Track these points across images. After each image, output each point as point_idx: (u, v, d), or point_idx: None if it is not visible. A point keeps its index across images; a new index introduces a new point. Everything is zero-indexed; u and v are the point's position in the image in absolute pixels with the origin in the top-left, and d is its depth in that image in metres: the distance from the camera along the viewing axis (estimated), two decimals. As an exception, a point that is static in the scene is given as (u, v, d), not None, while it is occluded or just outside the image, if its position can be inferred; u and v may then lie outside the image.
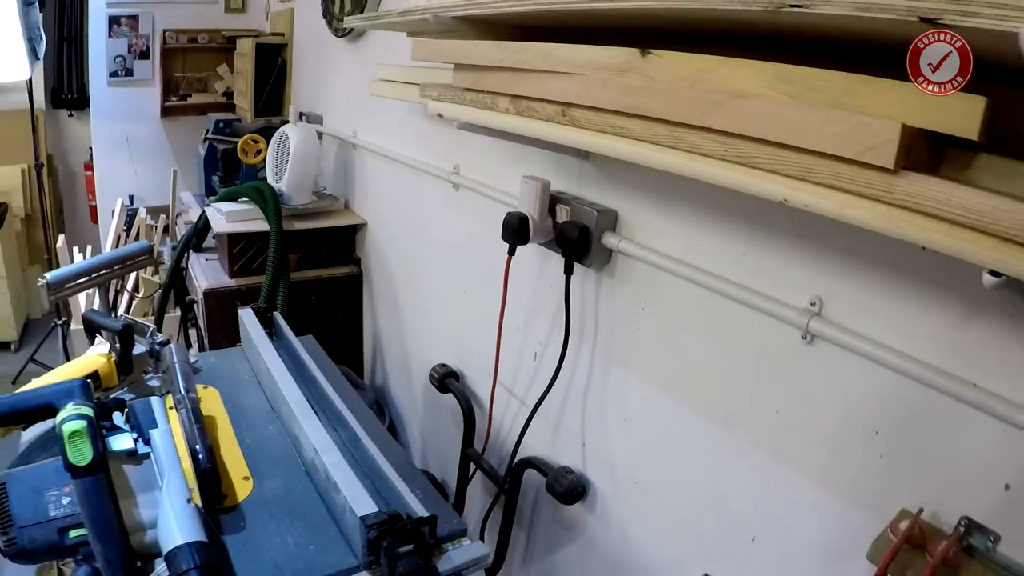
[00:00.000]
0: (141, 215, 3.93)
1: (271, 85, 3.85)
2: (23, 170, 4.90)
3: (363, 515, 1.21)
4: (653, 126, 0.93)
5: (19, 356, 4.62)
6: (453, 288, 2.30)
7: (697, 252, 1.38)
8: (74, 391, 1.26)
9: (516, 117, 1.20)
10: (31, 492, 1.19)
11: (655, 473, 1.58)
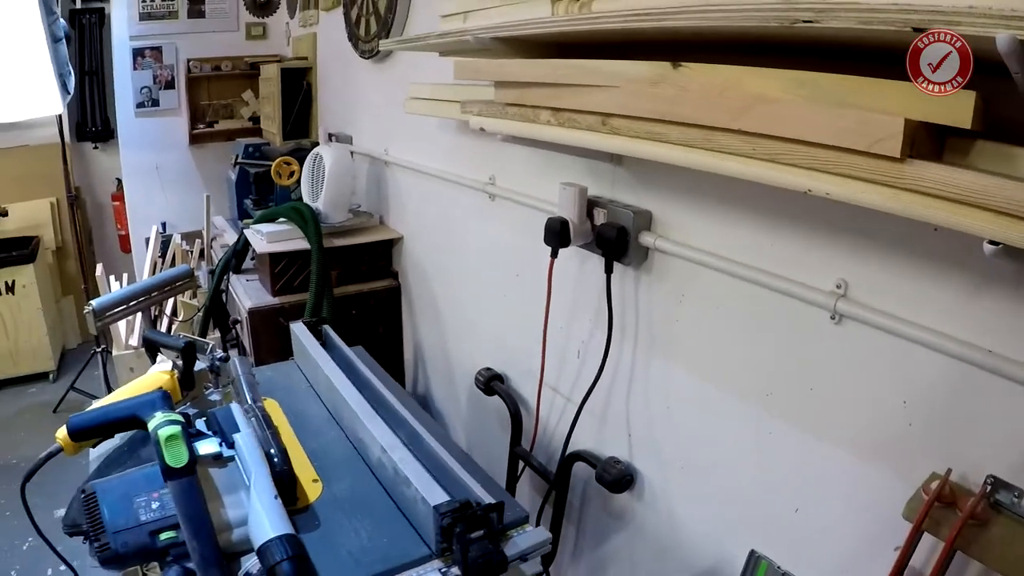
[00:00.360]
0: (176, 241, 4.09)
1: (298, 108, 4.02)
2: (52, 203, 5.12)
3: (436, 504, 1.34)
4: (687, 131, 1.08)
5: (57, 386, 4.79)
6: (494, 294, 2.44)
7: (729, 245, 1.51)
8: (156, 402, 1.40)
9: (558, 128, 1.35)
10: (121, 499, 1.29)
11: (700, 457, 1.71)
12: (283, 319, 2.88)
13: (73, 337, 5.45)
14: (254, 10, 4.77)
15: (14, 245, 4.71)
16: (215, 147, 4.88)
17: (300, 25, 4.25)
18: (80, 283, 5.21)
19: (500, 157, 2.26)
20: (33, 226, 4.99)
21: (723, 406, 1.61)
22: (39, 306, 4.73)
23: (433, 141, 2.66)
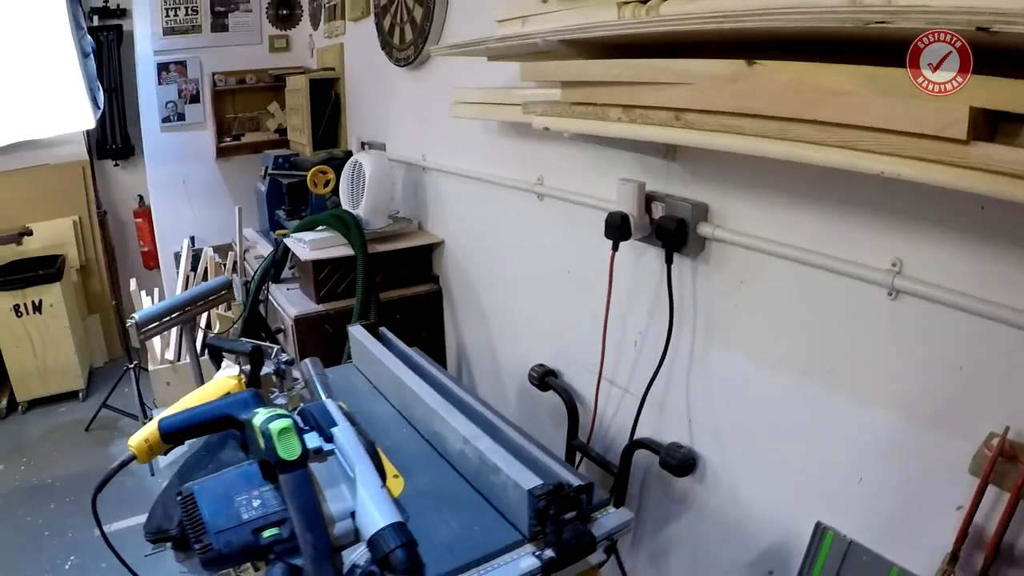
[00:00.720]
0: (209, 254, 4.22)
1: (327, 118, 4.16)
2: (75, 222, 5.24)
3: (530, 487, 1.46)
4: (764, 123, 1.21)
5: (87, 405, 4.89)
6: (543, 292, 2.57)
7: (785, 231, 1.64)
8: (249, 401, 1.47)
9: (628, 124, 1.48)
10: (221, 499, 1.29)
11: (762, 436, 1.83)
12: (328, 326, 3.01)
13: (100, 356, 5.57)
14: (277, 23, 4.93)
15: (40, 264, 4.80)
16: (241, 160, 5.03)
17: (325, 36, 4.39)
18: (104, 301, 5.36)
19: (548, 158, 2.39)
20: (57, 245, 5.10)
21: (784, 385, 1.73)
22: (67, 324, 4.82)
23: (475, 145, 2.79)
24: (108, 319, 5.57)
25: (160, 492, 1.67)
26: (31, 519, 3.71)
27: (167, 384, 3.86)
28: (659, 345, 2.00)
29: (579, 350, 2.39)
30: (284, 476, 1.25)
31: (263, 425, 1.28)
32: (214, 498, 1.29)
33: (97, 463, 4.21)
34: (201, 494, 1.29)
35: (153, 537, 1.58)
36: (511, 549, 1.49)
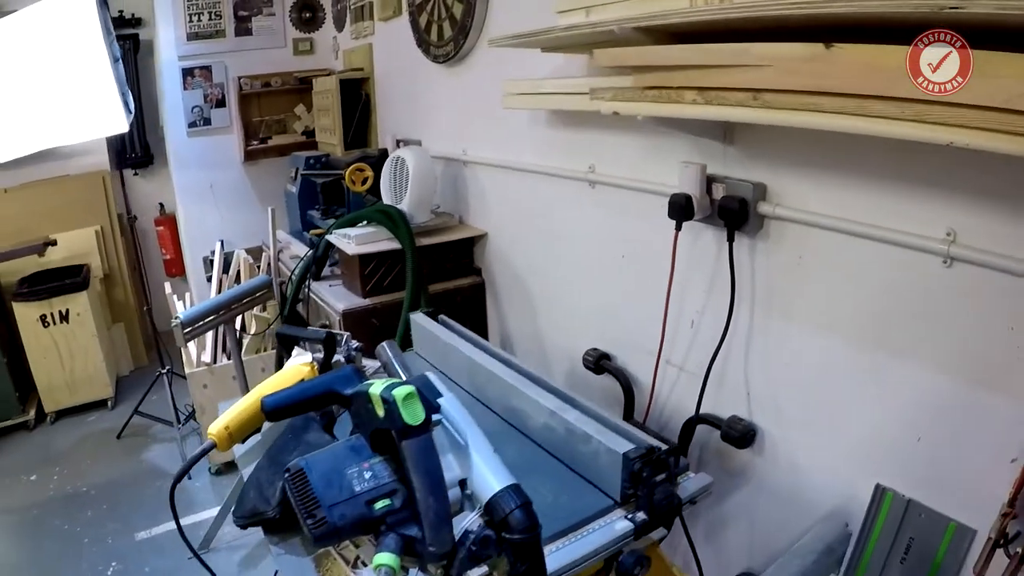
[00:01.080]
0: (242, 255, 4.33)
1: (357, 118, 4.29)
2: (97, 232, 5.36)
3: (625, 451, 1.58)
4: (842, 101, 1.35)
5: (116, 413, 5.00)
6: (595, 277, 2.70)
7: (841, 206, 1.78)
8: (351, 376, 1.55)
9: (704, 106, 1.62)
10: (332, 473, 1.33)
11: (820, 404, 1.96)
12: (375, 319, 3.14)
13: (126, 364, 5.68)
14: (300, 26, 5.07)
15: (66, 274, 4.91)
16: (268, 163, 5.17)
17: (352, 37, 4.54)
18: (128, 310, 5.51)
19: (599, 146, 2.52)
20: (80, 254, 5.22)
21: (842, 354, 1.86)
22: (94, 332, 4.93)
23: (522, 137, 2.92)
24: (133, 328, 5.70)
25: (247, 478, 1.73)
26: (68, 527, 3.78)
27: (204, 387, 3.98)
28: (717, 323, 2.13)
29: (633, 332, 2.53)
30: (407, 442, 1.29)
31: (385, 392, 1.31)
32: (325, 472, 1.33)
33: (131, 470, 4.34)
34: (311, 469, 1.33)
35: (246, 522, 1.61)
36: (603, 514, 1.60)
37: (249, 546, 3.55)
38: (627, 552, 1.56)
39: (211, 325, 3.30)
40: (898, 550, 1.78)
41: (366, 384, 1.38)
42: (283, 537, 1.57)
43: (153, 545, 3.63)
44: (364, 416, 1.40)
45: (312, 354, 2.00)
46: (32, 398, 4.95)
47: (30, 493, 4.14)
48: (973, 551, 1.63)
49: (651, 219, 2.28)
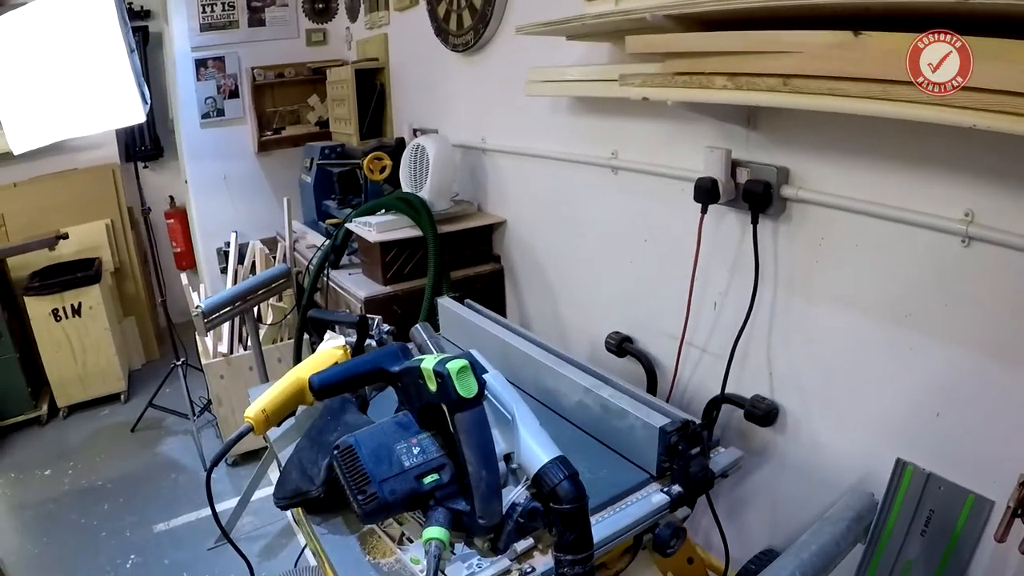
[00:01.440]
0: (258, 246, 4.42)
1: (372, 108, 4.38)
2: (107, 225, 5.43)
3: (662, 425, 1.67)
4: (868, 86, 1.45)
5: (129, 407, 5.08)
6: (617, 262, 2.78)
7: (862, 189, 1.86)
8: (398, 353, 1.64)
9: (735, 91, 1.71)
10: (381, 449, 1.41)
11: (842, 381, 2.05)
12: (396, 307, 3.22)
13: (137, 358, 5.76)
14: (313, 16, 5.15)
15: (77, 267, 4.98)
16: (281, 154, 5.25)
17: (367, 27, 4.63)
18: (140, 304, 5.59)
19: (622, 132, 2.60)
20: (90, 248, 5.28)
21: (863, 332, 1.95)
22: (106, 326, 4.99)
23: (543, 124, 3.00)
24: (144, 321, 5.78)
25: (287, 459, 1.76)
26: (85, 521, 3.85)
27: (221, 377, 4.05)
28: (740, 304, 2.22)
29: (655, 315, 2.63)
30: (461, 415, 1.36)
31: (438, 366, 1.37)
32: (374, 448, 1.42)
33: (147, 463, 4.41)
34: (361, 445, 1.42)
35: (288, 502, 1.64)
36: (640, 488, 1.70)
37: (268, 536, 3.64)
38: (663, 524, 1.64)
39: (231, 314, 3.39)
40: (918, 523, 1.87)
41: (417, 359, 1.45)
42: (325, 517, 1.61)
43: (172, 537, 3.70)
44: (413, 392, 1.47)
45: (344, 338, 2.07)
46: (44, 393, 5.00)
47: (45, 488, 4.19)
48: (991, 523, 1.71)
49: (674, 204, 2.38)
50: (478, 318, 2.36)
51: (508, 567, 1.42)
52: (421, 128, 3.91)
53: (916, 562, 1.89)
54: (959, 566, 1.80)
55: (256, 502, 3.79)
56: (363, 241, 3.35)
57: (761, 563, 1.75)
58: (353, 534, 1.54)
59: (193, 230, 5.55)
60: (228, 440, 1.67)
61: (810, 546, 1.69)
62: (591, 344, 2.88)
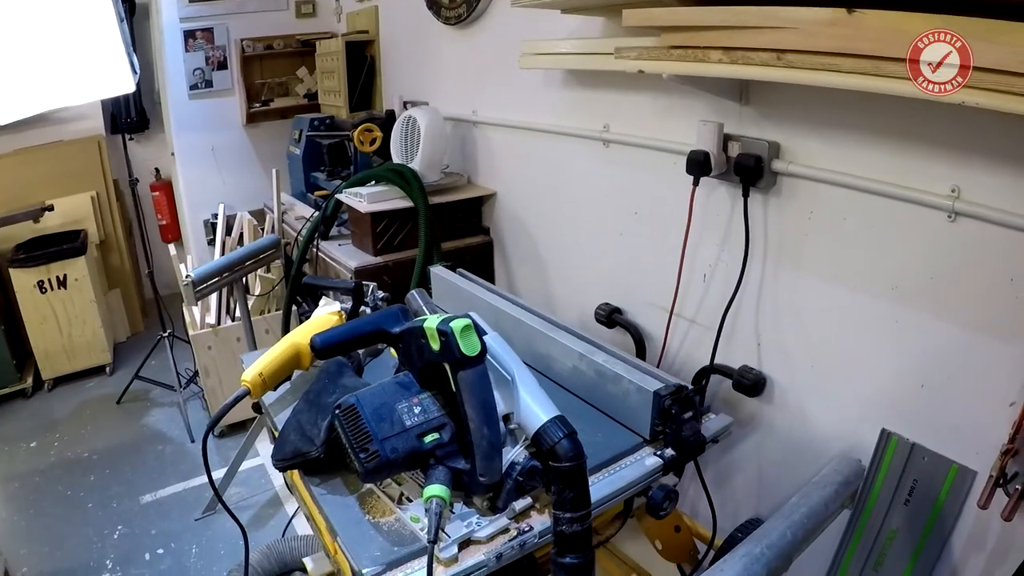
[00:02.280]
0: (246, 217, 4.44)
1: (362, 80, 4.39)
2: (92, 197, 5.43)
3: (656, 389, 1.71)
4: (859, 62, 1.48)
5: (115, 379, 5.11)
6: (607, 234, 2.81)
7: (852, 164, 1.90)
8: (399, 315, 1.66)
9: (729, 65, 1.75)
10: (383, 408, 1.42)
11: (829, 352, 2.10)
12: (387, 277, 3.25)
13: (123, 330, 5.77)
14: (303, -12, 5.13)
15: (63, 239, 4.98)
16: (269, 126, 5.26)
17: (357, 0, 4.62)
18: (125, 276, 5.61)
19: (614, 106, 2.63)
20: (76, 220, 5.29)
21: (851, 303, 2.00)
22: (92, 298, 5.01)
23: (535, 97, 3.03)
24: (129, 293, 5.80)
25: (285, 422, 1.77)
26: (71, 493, 3.88)
27: (208, 348, 4.09)
28: (729, 276, 2.27)
29: (645, 287, 2.67)
30: (464, 373, 1.38)
31: (442, 325, 1.39)
32: (376, 407, 1.43)
33: (133, 434, 4.45)
34: (363, 404, 1.43)
35: (287, 464, 1.66)
36: (633, 451, 1.75)
37: (256, 506, 3.70)
38: (656, 487, 1.69)
39: (220, 284, 3.42)
40: (902, 492, 1.92)
41: (420, 319, 1.47)
42: (324, 478, 1.63)
43: (159, 508, 3.74)
44: (415, 352, 1.49)
45: (340, 304, 2.10)
46: (29, 365, 5.02)
47: (31, 460, 4.22)
48: (974, 493, 1.77)
49: (665, 177, 2.42)
50: (471, 286, 2.40)
51: (506, 525, 1.46)
52: (411, 100, 3.93)
53: (900, 531, 1.94)
54: (942, 535, 1.86)
55: (243, 472, 3.85)
56: (353, 212, 3.37)
57: (747, 531, 1.79)
58: (352, 495, 1.57)
59: (180, 202, 5.55)
60: (225, 403, 1.68)
61: (800, 508, 1.74)
62: (580, 315, 2.93)
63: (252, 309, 4.09)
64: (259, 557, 3.02)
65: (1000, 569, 1.77)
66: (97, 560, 3.36)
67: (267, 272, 4.18)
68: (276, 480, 3.87)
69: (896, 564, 1.97)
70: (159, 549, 3.43)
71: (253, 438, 3.65)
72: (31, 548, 3.45)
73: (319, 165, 4.28)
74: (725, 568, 1.52)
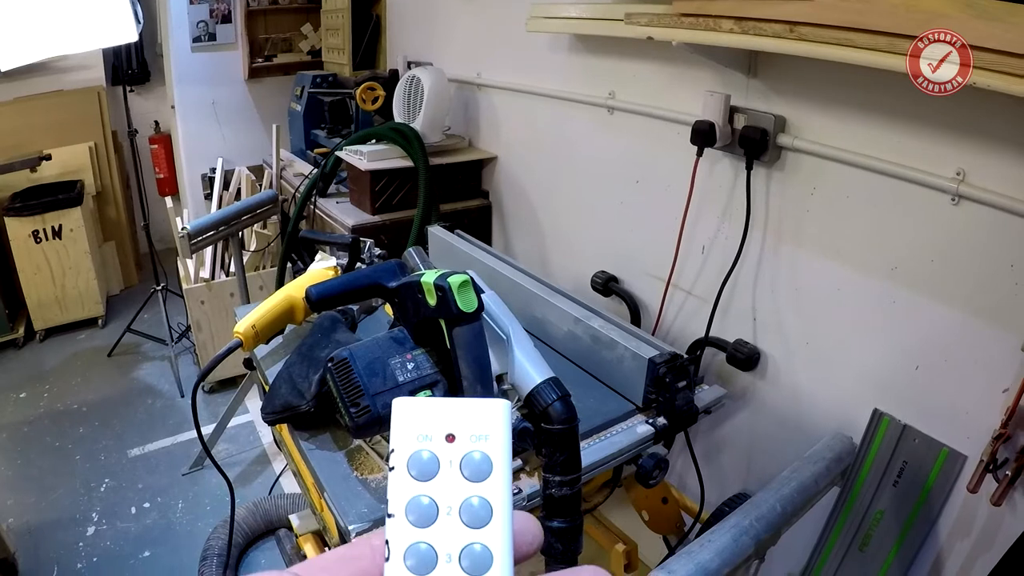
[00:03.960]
0: (244, 172, 4.42)
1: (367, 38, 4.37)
2: (90, 148, 5.38)
3: (651, 356, 1.71)
4: (873, 38, 1.48)
5: (107, 332, 5.11)
6: (608, 202, 2.81)
7: (857, 142, 1.90)
8: (395, 269, 1.63)
9: (741, 35, 1.74)
10: (376, 363, 1.40)
11: (825, 330, 2.10)
12: (384, 236, 3.24)
13: (116, 283, 5.75)
14: (311, -58, 5.07)
15: (59, 189, 4.95)
16: (271, 81, 5.23)
17: (365, -43, 4.57)
18: (120, 228, 5.59)
19: (620, 73, 2.62)
20: (73, 171, 5.25)
21: (850, 282, 2.00)
22: (87, 249, 4.99)
23: (540, 61, 3.01)
24: (124, 246, 5.78)
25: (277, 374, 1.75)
26: (59, 444, 3.89)
27: (201, 303, 4.08)
28: (728, 249, 2.27)
29: (643, 256, 2.67)
30: (460, 329, 1.35)
31: (439, 280, 1.35)
32: (369, 361, 1.41)
33: (123, 388, 4.46)
34: (356, 358, 1.41)
35: (277, 417, 1.65)
36: (625, 418, 1.75)
37: (243, 463, 3.71)
38: (647, 455, 1.69)
39: (216, 238, 3.41)
40: (891, 474, 1.93)
41: (417, 274, 1.44)
42: (313, 433, 1.63)
43: (146, 462, 3.76)
44: (411, 306, 1.47)
45: (336, 259, 2.09)
46: (21, 316, 5.01)
47: (20, 410, 4.22)
48: (963, 477, 1.78)
49: (669, 146, 2.41)
50: (468, 247, 2.39)
51: (495, 488, 1.46)
52: (415, 61, 3.91)
53: (887, 512, 1.95)
54: (929, 518, 1.88)
55: (232, 429, 3.87)
56: (353, 169, 3.36)
57: (734, 506, 1.80)
58: (341, 451, 1.56)
59: (178, 155, 5.51)
60: (217, 354, 1.67)
61: (791, 482, 1.75)
62: (576, 282, 2.92)
63: (247, 265, 4.09)
64: (245, 514, 3.03)
65: (986, 555, 1.78)
66: (83, 512, 3.37)
67: (263, 228, 4.17)
68: (264, 438, 3.88)
69: (881, 545, 1.98)
70: (145, 503, 3.45)
71: (243, 394, 3.65)
72: (17, 498, 3.46)
73: (320, 122, 4.26)
74: (714, 538, 1.53)
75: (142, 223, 4.90)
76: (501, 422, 0.40)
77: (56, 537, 3.22)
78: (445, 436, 0.40)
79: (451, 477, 0.39)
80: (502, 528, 0.39)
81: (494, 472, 0.39)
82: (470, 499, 0.39)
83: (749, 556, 1.57)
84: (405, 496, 0.39)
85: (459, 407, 0.40)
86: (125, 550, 3.15)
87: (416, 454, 0.40)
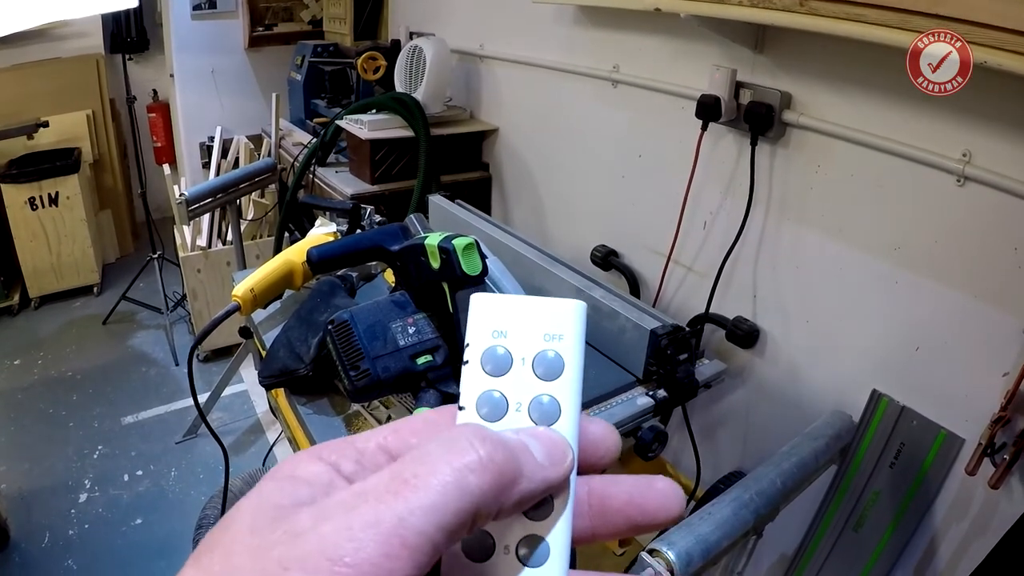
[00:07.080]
0: (243, 141, 4.39)
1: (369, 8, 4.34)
2: (88, 116, 5.34)
3: (653, 328, 1.70)
4: (885, 14, 1.46)
5: (102, 300, 5.09)
6: (610, 176, 2.80)
7: (865, 121, 1.88)
8: (398, 232, 1.64)
9: (750, 8, 1.73)
10: (377, 326, 1.39)
11: (826, 309, 2.10)
12: (383, 206, 3.22)
13: (112, 251, 5.73)
14: (313, -91, 5.03)
15: (57, 156, 4.92)
16: (272, 51, 5.16)
17: (368, -75, 4.53)
18: (117, 197, 5.57)
19: (625, 46, 2.60)
20: (70, 139, 5.21)
21: (852, 261, 2.00)
22: (83, 217, 4.97)
23: (544, 33, 2.99)
24: (120, 215, 5.76)
25: (275, 338, 1.76)
26: (53, 411, 3.89)
27: (197, 271, 4.08)
28: (730, 225, 2.26)
29: (644, 231, 2.66)
30: (462, 293, 1.34)
31: (444, 243, 1.35)
32: (370, 324, 1.40)
33: (118, 355, 4.45)
34: (357, 321, 1.40)
35: (275, 381, 1.65)
36: (625, 390, 1.74)
37: (237, 432, 3.72)
38: (646, 428, 1.68)
39: (213, 205, 3.39)
40: (888, 455, 1.93)
41: (421, 236, 1.43)
42: (311, 398, 1.63)
43: (140, 430, 3.76)
44: (413, 270, 1.45)
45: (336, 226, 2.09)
46: (16, 283, 4.99)
47: (14, 377, 4.22)
48: (960, 460, 1.78)
49: (673, 121, 2.39)
50: (469, 216, 2.38)
51: (494, 456, 1.45)
52: (418, 31, 3.88)
53: (883, 493, 1.95)
54: (925, 500, 1.87)
55: (226, 398, 3.87)
56: (353, 138, 3.33)
57: (729, 483, 1.80)
58: (339, 416, 1.56)
59: (176, 124, 5.45)
60: (214, 317, 1.66)
61: (790, 457, 1.74)
62: (576, 256, 2.90)
63: (244, 234, 4.05)
64: (239, 484, 3.03)
65: (981, 538, 1.78)
66: (76, 479, 3.38)
67: (261, 197, 4.15)
68: (259, 407, 3.89)
69: (877, 526, 1.98)
70: (138, 471, 3.45)
71: (238, 363, 3.64)
72: (10, 465, 3.46)
73: (320, 92, 4.23)
74: (714, 511, 1.53)
75: (139, 191, 4.85)
76: (576, 322, 0.41)
77: (48, 504, 3.22)
78: (520, 333, 0.41)
79: (523, 374, 0.40)
80: (569, 427, 0.40)
81: (565, 371, 0.40)
82: (540, 396, 0.40)
83: (748, 531, 1.57)
84: (477, 390, 0.40)
85: (535, 305, 0.41)
86: (117, 517, 3.16)
87: (491, 349, 0.41)
